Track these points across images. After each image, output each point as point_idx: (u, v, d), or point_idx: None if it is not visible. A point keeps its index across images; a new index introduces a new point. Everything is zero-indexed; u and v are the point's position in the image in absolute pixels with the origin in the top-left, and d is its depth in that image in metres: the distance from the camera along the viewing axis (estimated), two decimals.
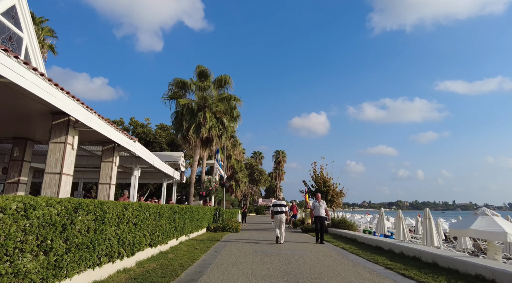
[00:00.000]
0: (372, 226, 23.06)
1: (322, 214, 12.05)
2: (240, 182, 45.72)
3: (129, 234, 6.14)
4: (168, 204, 14.57)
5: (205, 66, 19.01)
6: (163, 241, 8.56)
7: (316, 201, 12.37)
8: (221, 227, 16.50)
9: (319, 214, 12.04)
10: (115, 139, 9.19)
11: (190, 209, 11.68)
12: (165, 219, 8.58)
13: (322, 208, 12.15)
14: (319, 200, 12.45)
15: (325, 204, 12.50)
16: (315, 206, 12.23)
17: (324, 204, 12.36)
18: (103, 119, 8.10)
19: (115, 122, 31.43)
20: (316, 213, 12.10)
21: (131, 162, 12.95)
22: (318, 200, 12.42)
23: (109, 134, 8.55)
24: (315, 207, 12.21)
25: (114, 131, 8.85)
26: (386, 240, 10.05)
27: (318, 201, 12.37)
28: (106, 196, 9.76)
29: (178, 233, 10.20)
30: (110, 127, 8.59)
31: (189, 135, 17.57)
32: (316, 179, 18.58)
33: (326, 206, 12.43)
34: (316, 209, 12.12)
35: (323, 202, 12.44)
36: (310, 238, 14.13)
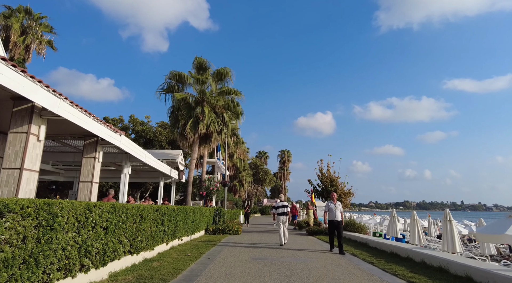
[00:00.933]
0: (382, 227, 21.78)
1: (339, 218, 9.89)
2: (243, 182, 44.63)
3: (97, 241, 5.07)
4: (163, 204, 13.55)
5: (204, 58, 17.95)
6: (148, 247, 7.50)
7: (331, 202, 10.21)
8: (221, 229, 15.43)
9: (335, 217, 9.90)
10: (95, 132, 8.16)
11: (183, 210, 10.62)
12: (150, 222, 7.51)
13: (339, 210, 9.99)
14: (334, 200, 10.23)
15: (341, 206, 10.23)
16: (330, 208, 10.09)
17: (340, 206, 10.15)
18: (77, 107, 7.07)
19: (114, 120, 30.59)
20: (331, 217, 9.98)
21: (121, 159, 11.94)
22: (334, 201, 10.20)
23: (86, 125, 7.52)
24: (330, 209, 10.08)
25: (92, 122, 7.81)
26: (403, 246, 8.86)
27: (334, 201, 10.18)
28: (87, 196, 8.74)
29: (168, 237, 9.14)
30: (87, 118, 7.56)
31: (186, 131, 16.48)
32: (323, 177, 17.42)
33: (341, 209, 10.16)
34: (331, 212, 10.00)
35: (339, 203, 10.23)
36: (316, 241, 12.98)
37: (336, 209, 10.02)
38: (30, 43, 26.96)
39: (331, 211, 10.10)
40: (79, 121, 7.14)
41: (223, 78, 18.56)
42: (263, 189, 68.96)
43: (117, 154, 12.09)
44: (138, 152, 11.42)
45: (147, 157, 12.39)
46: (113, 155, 12.14)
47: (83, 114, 7.32)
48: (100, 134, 8.56)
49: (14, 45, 25.93)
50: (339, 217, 9.98)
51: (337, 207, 10.08)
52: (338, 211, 10.01)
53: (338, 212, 10.01)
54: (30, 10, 27.75)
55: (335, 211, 10.00)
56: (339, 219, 9.94)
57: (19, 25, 26.53)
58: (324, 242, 12.99)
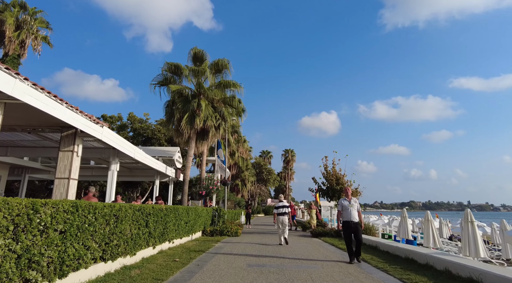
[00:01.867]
0: (391, 228, 20.65)
1: (356, 219, 7.88)
2: (246, 181, 43.62)
3: (50, 248, 4.10)
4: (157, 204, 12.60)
5: (200, 49, 16.86)
6: (127, 251, 6.53)
7: (344, 199, 8.21)
8: (219, 231, 14.44)
9: (350, 218, 7.85)
10: (70, 122, 7.22)
11: (174, 210, 9.64)
12: (130, 223, 6.54)
13: (355, 208, 7.98)
14: (349, 196, 8.18)
15: (358, 203, 8.21)
16: (343, 206, 8.09)
17: (357, 203, 8.15)
18: (44, 91, 6.10)
19: (112, 118, 29.75)
20: (346, 217, 7.94)
21: (108, 155, 11.00)
22: (348, 197, 8.19)
23: (57, 113, 6.56)
24: (343, 208, 8.08)
25: (64, 110, 6.85)
26: (421, 250, 7.78)
27: (348, 197, 8.17)
28: (64, 194, 7.79)
29: (155, 240, 8.17)
30: (57, 104, 6.60)
31: (182, 126, 15.48)
32: (328, 175, 16.35)
33: (359, 207, 8.16)
34: (346, 211, 7.99)
35: (355, 199, 8.18)
36: (321, 244, 11.93)
37: (351, 207, 7.95)
38: (25, 39, 26.23)
39: (345, 210, 8.02)
40: (46, 108, 6.18)
41: (221, 70, 17.49)
42: (266, 189, 67.97)
43: (104, 149, 11.15)
44: (126, 147, 10.47)
45: (136, 152, 11.43)
46: (99, 150, 11.22)
47: (52, 99, 6.36)
48: (76, 125, 7.61)
49: (8, 40, 25.23)
50: (356, 217, 7.92)
51: (353, 204, 8.00)
52: (354, 209, 7.95)
53: (355, 210, 7.96)
54: (25, 4, 27.01)
55: (350, 209, 7.94)
56: (356, 220, 7.85)
57: (14, 19, 25.81)
58: (330, 245, 11.93)
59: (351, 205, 7.99)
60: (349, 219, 7.87)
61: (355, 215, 7.93)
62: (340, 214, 8.25)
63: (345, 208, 8.03)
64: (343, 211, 8.07)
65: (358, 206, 8.13)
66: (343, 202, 8.14)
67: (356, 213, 7.99)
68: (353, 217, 7.86)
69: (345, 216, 7.99)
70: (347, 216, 7.93)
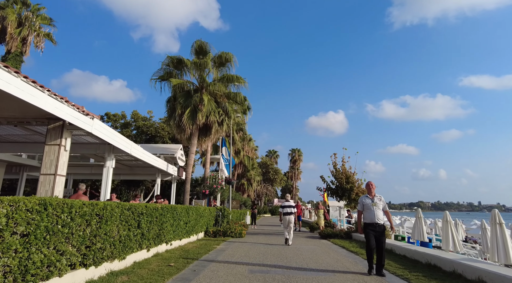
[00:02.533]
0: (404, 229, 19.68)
1: (381, 220, 6.46)
2: (252, 181, 42.85)
3: (7, 255, 3.40)
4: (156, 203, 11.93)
5: (204, 41, 16.09)
6: (115, 255, 5.82)
7: (366, 197, 6.78)
8: (222, 232, 13.71)
9: (374, 219, 6.42)
10: (53, 112, 6.55)
11: (171, 209, 8.93)
12: (118, 224, 5.83)
13: (380, 208, 6.55)
14: (372, 193, 6.72)
15: (383, 201, 6.72)
16: (365, 205, 6.68)
17: (383, 202, 6.68)
18: (19, 75, 5.42)
19: (115, 116, 29.26)
20: (369, 218, 6.53)
21: (104, 150, 10.35)
22: (371, 194, 6.72)
23: (36, 100, 5.89)
24: (365, 207, 6.68)
25: (46, 98, 6.18)
26: (445, 255, 6.92)
27: (371, 195, 6.71)
28: (49, 191, 7.12)
29: (149, 242, 7.46)
30: (39, 92, 5.93)
31: (183, 121, 14.74)
32: (337, 174, 15.49)
33: (385, 205, 6.70)
34: (368, 211, 6.57)
35: (379, 197, 6.70)
36: (330, 246, 11.10)
37: (375, 206, 6.48)
38: (27, 36, 25.88)
39: (367, 210, 6.60)
40: (22, 94, 5.50)
41: (224, 63, 16.68)
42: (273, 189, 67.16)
43: (99, 145, 10.51)
44: (121, 142, 9.79)
45: (133, 148, 10.76)
46: (94, 146, 10.58)
47: (30, 85, 5.68)
48: (63, 116, 6.95)
49: (10, 37, 24.90)
50: (382, 218, 6.48)
51: (377, 202, 6.54)
52: (378, 209, 6.49)
53: (379, 210, 6.50)
54: (27, 0, 26.64)
55: (373, 208, 6.47)
56: (381, 222, 6.42)
57: (16, 16, 25.48)
58: (340, 247, 11.11)
59: (374, 203, 6.52)
60: (372, 221, 6.42)
61: (379, 215, 6.46)
62: (361, 215, 6.85)
63: (367, 207, 6.61)
64: (364, 211, 6.68)
65: (384, 204, 6.65)
66: (365, 200, 6.69)
67: (381, 213, 6.53)
68: (377, 218, 6.40)
69: (367, 216, 6.58)
70: (369, 217, 6.50)
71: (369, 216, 6.52)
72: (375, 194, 6.73)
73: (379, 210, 6.52)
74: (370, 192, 6.76)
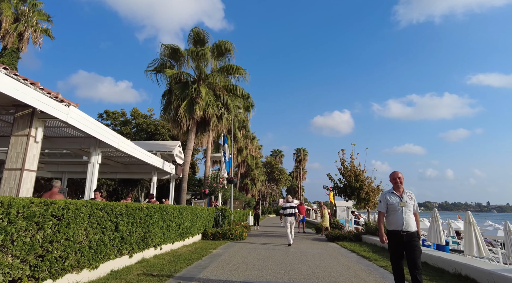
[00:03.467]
0: None
1: (412, 227, 4.41)
2: (256, 180, 41.80)
3: None
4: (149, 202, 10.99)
5: (201, 29, 15.00)
6: (83, 264, 4.85)
7: (390, 193, 4.69)
8: (221, 234, 12.72)
9: (402, 225, 4.40)
10: (21, 98, 5.63)
11: (160, 210, 7.95)
12: (86, 227, 4.86)
13: (411, 209, 4.52)
14: (399, 189, 4.64)
15: (414, 199, 4.64)
16: (390, 205, 4.60)
17: (414, 201, 4.62)
18: None
19: (115, 113, 28.45)
20: (395, 223, 4.49)
21: (89, 145, 9.42)
22: (399, 190, 4.64)
23: None
24: (390, 208, 4.59)
25: (5, 78, 5.22)
26: (480, 265, 5.81)
27: (399, 191, 4.64)
28: (14, 189, 6.18)
29: (131, 246, 6.49)
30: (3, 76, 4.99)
31: (179, 114, 13.72)
32: (345, 171, 14.40)
33: (417, 206, 4.63)
34: (395, 213, 4.52)
35: (409, 194, 4.63)
36: (338, 250, 10.03)
37: (403, 207, 4.46)
38: (24, 31, 25.20)
39: (393, 211, 4.53)
40: None
41: (223, 52, 15.58)
42: (278, 189, 66.12)
43: (84, 138, 9.58)
44: (106, 134, 8.84)
45: (121, 142, 9.80)
46: (79, 140, 9.65)
47: None
48: (32, 103, 6.01)
49: (6, 33, 24.24)
50: (413, 224, 4.41)
51: (407, 202, 4.51)
52: (408, 210, 4.47)
53: (410, 213, 4.47)
54: None
55: (401, 210, 4.45)
56: (412, 229, 4.38)
57: (12, 11, 24.81)
58: (350, 251, 10.05)
59: (403, 203, 4.45)
60: (399, 228, 4.35)
61: (410, 220, 4.38)
62: (383, 218, 4.70)
63: (392, 207, 4.50)
64: (388, 213, 4.57)
65: (416, 205, 4.57)
66: (390, 198, 4.56)
67: (413, 217, 4.46)
68: (406, 223, 4.33)
69: (392, 221, 4.47)
70: (396, 222, 4.41)
71: (395, 221, 4.42)
72: (403, 190, 4.59)
73: (410, 213, 4.43)
74: (397, 186, 4.60)
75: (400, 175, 4.67)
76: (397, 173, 4.70)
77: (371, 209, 14.24)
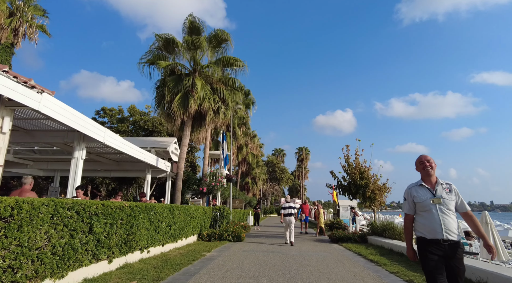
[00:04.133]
0: None
1: (454, 233, 2.94)
2: (257, 179, 41.01)
3: None
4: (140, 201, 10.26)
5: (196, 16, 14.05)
6: (43, 274, 4.11)
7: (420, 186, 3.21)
8: (217, 235, 11.98)
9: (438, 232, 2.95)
10: None
11: (147, 209, 7.21)
12: (47, 230, 4.12)
13: (451, 206, 3.03)
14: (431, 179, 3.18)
15: (455, 193, 3.09)
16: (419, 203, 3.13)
17: (455, 195, 3.07)
18: None
19: (112, 110, 27.77)
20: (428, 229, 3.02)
21: (72, 139, 8.68)
22: (430, 181, 3.19)
23: None
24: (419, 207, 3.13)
25: None
26: (506, 273, 5.01)
27: (430, 182, 3.18)
28: None
29: (111, 250, 5.76)
30: None
31: (173, 108, 12.95)
32: (350, 168, 13.60)
33: (462, 202, 3.07)
34: (427, 214, 3.05)
35: (447, 186, 3.12)
36: (343, 253, 9.24)
37: (438, 204, 3.03)
38: (19, 27, 24.57)
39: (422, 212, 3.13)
40: None
41: (220, 43, 14.63)
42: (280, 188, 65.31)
43: (67, 132, 8.86)
44: (89, 126, 8.10)
45: (108, 136, 9.06)
46: (62, 133, 8.92)
47: None
48: None
49: (0, 28, 23.60)
50: (455, 229, 2.97)
51: (444, 197, 3.04)
52: (447, 209, 3.01)
53: (450, 212, 3.01)
54: None
55: (436, 208, 3.03)
56: (453, 236, 2.93)
57: (6, 5, 24.16)
58: (356, 254, 9.28)
59: (437, 199, 3.05)
60: (436, 235, 2.96)
61: (450, 223, 2.98)
62: (410, 223, 3.25)
63: (423, 206, 3.11)
64: (418, 216, 3.18)
65: (460, 201, 3.10)
66: (417, 193, 3.19)
67: (454, 218, 3.04)
68: (446, 228, 2.95)
69: (425, 226, 3.07)
70: (429, 227, 3.02)
71: (428, 226, 3.02)
72: (437, 180, 3.17)
73: (450, 212, 3.01)
74: (427, 174, 3.18)
75: (429, 158, 3.22)
76: (425, 156, 3.28)
77: (377, 209, 13.44)
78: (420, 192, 3.19)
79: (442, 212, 3.02)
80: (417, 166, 3.33)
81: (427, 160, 3.25)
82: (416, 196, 3.18)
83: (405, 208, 3.30)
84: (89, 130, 8.25)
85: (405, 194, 3.36)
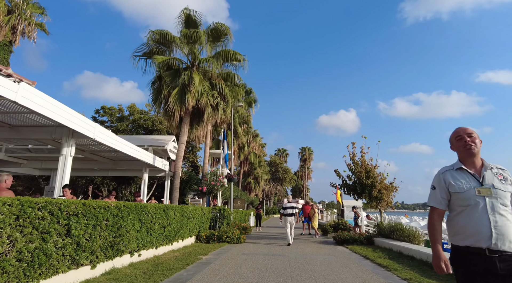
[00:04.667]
0: None
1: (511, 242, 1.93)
2: (259, 179, 40.44)
3: None
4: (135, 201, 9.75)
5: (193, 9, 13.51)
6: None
7: (458, 171, 2.19)
8: (216, 236, 11.44)
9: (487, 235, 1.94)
10: None
11: (138, 209, 6.68)
12: (10, 234, 3.59)
13: (506, 200, 2.01)
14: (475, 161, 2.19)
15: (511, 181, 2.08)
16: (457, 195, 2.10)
17: (509, 185, 2.06)
18: None
19: (111, 109, 27.35)
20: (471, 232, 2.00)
21: (61, 134, 8.18)
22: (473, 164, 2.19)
23: None
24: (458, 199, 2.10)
25: None
26: None
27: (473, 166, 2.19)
28: None
29: (95, 254, 5.22)
30: None
31: (170, 104, 12.40)
32: (355, 167, 13.00)
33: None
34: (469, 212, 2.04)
35: (497, 171, 2.13)
36: (349, 256, 8.64)
37: (488, 198, 2.01)
38: (17, 24, 24.23)
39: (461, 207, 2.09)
40: None
41: (220, 37, 14.02)
42: (283, 188, 64.66)
43: (55, 127, 8.34)
44: (77, 121, 7.58)
45: (98, 131, 8.54)
46: (50, 129, 8.41)
47: None
48: None
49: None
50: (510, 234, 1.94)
51: (494, 185, 2.04)
52: (501, 204, 2.00)
53: (503, 209, 1.99)
54: None
55: (481, 204, 2.01)
56: (510, 247, 1.91)
57: (5, 3, 23.82)
58: (362, 257, 8.69)
59: (486, 189, 2.04)
60: (483, 242, 1.95)
61: (506, 225, 1.96)
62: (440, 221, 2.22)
63: (463, 198, 2.09)
64: (454, 210, 2.16)
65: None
66: (454, 180, 2.17)
67: (510, 217, 2.00)
68: (497, 232, 1.93)
69: (465, 228, 2.05)
70: (473, 230, 2.01)
71: (470, 228, 2.03)
72: (484, 163, 2.21)
73: (506, 210, 2.02)
74: (469, 153, 2.20)
75: (470, 131, 2.25)
76: (464, 128, 2.30)
77: (384, 209, 12.82)
78: (459, 178, 2.15)
79: (493, 209, 1.99)
80: (452, 143, 2.35)
81: (468, 133, 2.23)
82: (453, 183, 2.14)
83: (432, 200, 2.23)
84: (78, 125, 7.73)
85: (434, 181, 2.29)
